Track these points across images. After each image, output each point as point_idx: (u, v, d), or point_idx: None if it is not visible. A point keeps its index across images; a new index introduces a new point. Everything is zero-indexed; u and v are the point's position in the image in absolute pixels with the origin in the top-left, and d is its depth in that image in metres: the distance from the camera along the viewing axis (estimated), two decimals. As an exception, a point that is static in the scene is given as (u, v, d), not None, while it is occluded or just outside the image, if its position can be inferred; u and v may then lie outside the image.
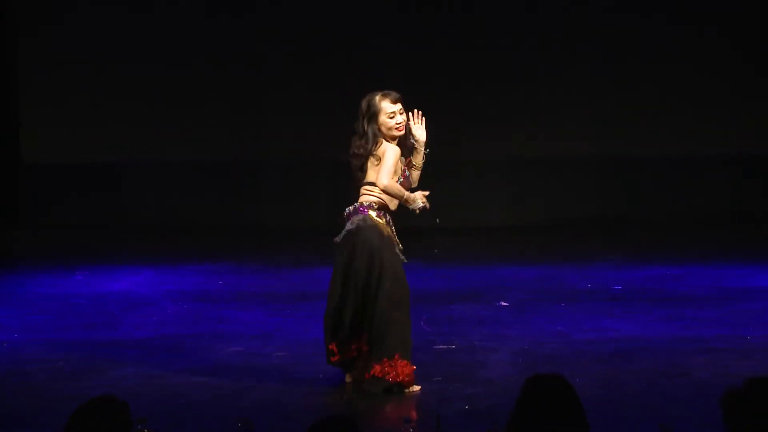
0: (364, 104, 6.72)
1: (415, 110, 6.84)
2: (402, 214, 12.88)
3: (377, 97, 6.71)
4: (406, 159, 6.85)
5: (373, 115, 6.68)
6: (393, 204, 6.84)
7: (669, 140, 12.72)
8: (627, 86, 12.69)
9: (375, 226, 6.70)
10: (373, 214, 6.70)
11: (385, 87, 12.66)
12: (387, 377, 6.50)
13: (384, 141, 6.68)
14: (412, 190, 6.89)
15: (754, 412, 3.44)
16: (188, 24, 12.69)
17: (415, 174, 6.93)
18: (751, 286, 9.56)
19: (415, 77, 12.61)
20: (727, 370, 7.02)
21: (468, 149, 12.73)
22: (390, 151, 6.64)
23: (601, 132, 12.73)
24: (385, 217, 6.82)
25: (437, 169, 12.65)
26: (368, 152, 6.69)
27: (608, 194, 12.83)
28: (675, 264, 10.53)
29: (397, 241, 6.87)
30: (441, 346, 7.78)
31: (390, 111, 6.69)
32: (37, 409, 6.48)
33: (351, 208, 6.80)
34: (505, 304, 9.07)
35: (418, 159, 6.91)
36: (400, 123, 6.72)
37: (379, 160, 6.64)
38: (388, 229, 6.82)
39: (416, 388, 6.61)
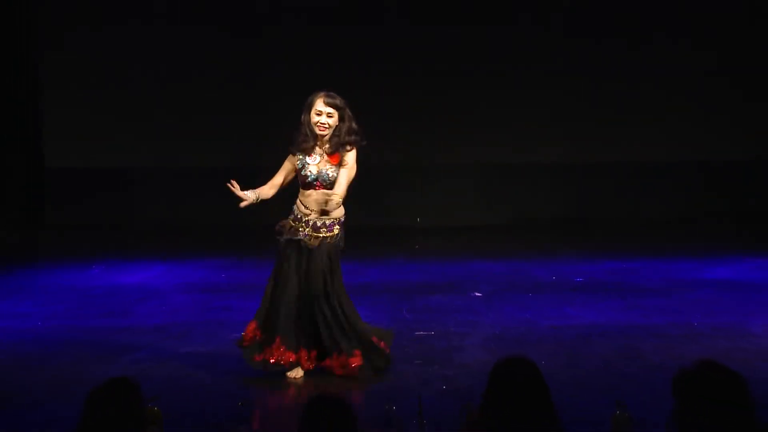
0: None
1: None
2: (394, 211, 12.80)
3: (317, 95, 6.51)
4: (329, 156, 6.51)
5: (308, 107, 6.52)
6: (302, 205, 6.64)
7: (625, 149, 12.75)
8: (588, 102, 12.72)
9: None
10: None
11: (377, 97, 12.73)
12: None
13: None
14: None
15: (701, 391, 3.45)
16: (197, 43, 12.65)
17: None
18: (698, 278, 9.59)
19: (403, 90, 12.61)
20: (676, 353, 7.05)
21: (446, 156, 12.74)
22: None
23: (564, 142, 12.76)
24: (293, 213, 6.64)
25: (420, 174, 12.81)
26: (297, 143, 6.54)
27: (570, 197, 12.86)
28: (630, 259, 10.57)
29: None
30: (421, 333, 7.79)
31: (318, 109, 6.47)
32: (59, 389, 6.48)
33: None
34: (479, 294, 9.08)
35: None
36: (322, 123, 6.45)
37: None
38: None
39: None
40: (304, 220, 6.58)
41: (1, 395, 6.37)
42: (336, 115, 6.49)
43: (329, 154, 6.50)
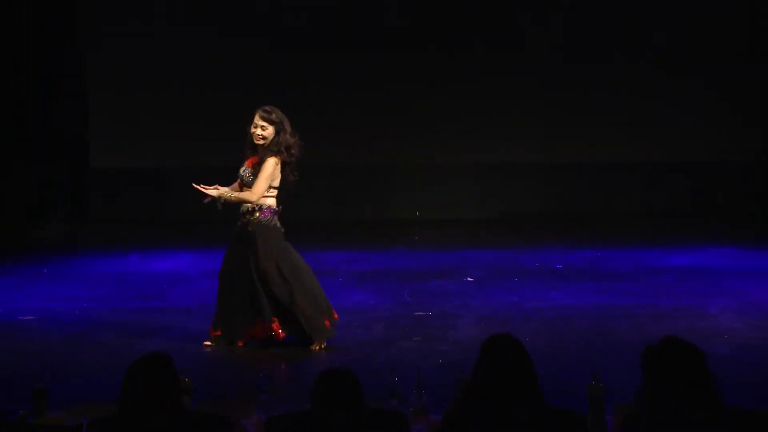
0: None
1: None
2: (397, 207, 12.73)
3: (257, 109, 6.66)
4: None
5: (251, 120, 6.66)
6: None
7: (601, 151, 12.69)
8: (569, 110, 12.64)
9: None
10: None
11: (379, 104, 12.64)
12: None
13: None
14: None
15: (665, 364, 3.46)
16: (225, 53, 12.58)
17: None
18: (663, 265, 9.59)
19: (404, 97, 12.55)
20: (644, 331, 7.05)
21: (444, 157, 12.70)
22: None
23: (547, 145, 12.70)
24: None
25: (419, 174, 12.79)
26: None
27: (552, 194, 12.82)
28: (604, 248, 10.55)
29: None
30: (420, 313, 7.79)
31: (255, 122, 6.63)
32: (103, 362, 6.50)
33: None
34: (471, 279, 9.08)
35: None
36: (257, 135, 6.60)
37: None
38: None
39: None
40: (242, 212, 6.74)
41: (55, 367, 6.40)
42: (270, 128, 6.57)
43: (249, 157, 6.61)
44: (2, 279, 9.34)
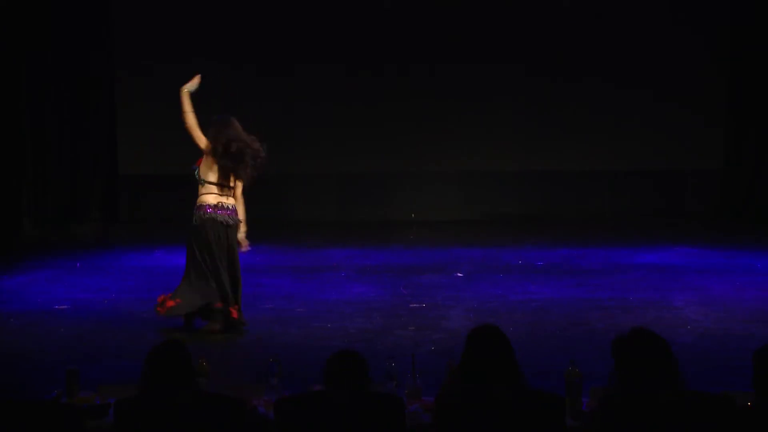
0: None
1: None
2: (394, 209, 12.63)
3: None
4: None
5: None
6: None
7: (575, 160, 12.66)
8: (543, 124, 12.59)
9: None
10: None
11: (381, 119, 12.57)
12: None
13: None
14: None
15: (634, 351, 3.45)
16: (242, 79, 12.52)
17: None
18: (633, 262, 9.57)
19: (400, 114, 12.51)
20: (615, 321, 7.05)
21: (437, 164, 12.66)
22: None
23: (525, 155, 12.66)
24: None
25: (415, 179, 12.77)
26: None
27: (533, 198, 12.78)
28: (579, 246, 10.53)
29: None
30: (414, 305, 7.78)
31: None
32: (129, 346, 6.48)
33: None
34: (460, 274, 9.06)
35: None
36: None
37: None
38: None
39: None
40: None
41: (86, 351, 6.39)
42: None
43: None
44: (41, 272, 9.33)
